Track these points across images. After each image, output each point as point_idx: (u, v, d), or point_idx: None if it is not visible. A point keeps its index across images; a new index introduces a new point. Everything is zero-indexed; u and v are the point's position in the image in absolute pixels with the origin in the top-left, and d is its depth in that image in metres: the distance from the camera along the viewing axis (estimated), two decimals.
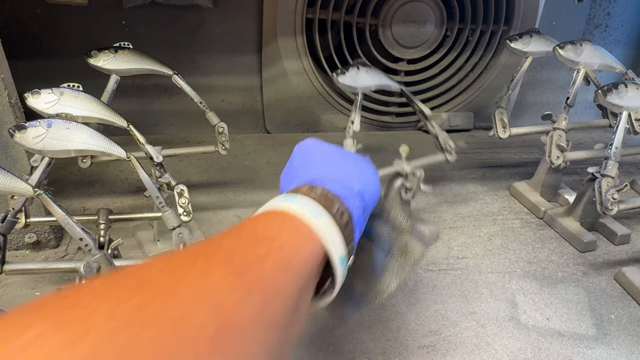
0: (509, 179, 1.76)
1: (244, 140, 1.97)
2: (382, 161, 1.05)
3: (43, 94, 1.06)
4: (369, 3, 1.95)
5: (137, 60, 1.28)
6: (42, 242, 1.28)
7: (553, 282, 1.29)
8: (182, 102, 1.75)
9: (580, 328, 1.14)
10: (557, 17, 2.23)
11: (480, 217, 1.55)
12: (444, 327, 1.13)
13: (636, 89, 1.29)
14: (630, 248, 1.44)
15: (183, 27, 1.86)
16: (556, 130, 1.45)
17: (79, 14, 1.73)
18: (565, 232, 1.45)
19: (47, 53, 1.77)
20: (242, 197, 1.57)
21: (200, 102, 1.34)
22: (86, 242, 0.90)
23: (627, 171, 1.88)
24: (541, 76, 2.37)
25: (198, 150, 1.43)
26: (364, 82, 1.32)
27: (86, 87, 1.12)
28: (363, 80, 1.32)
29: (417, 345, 1.08)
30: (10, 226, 0.98)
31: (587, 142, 2.01)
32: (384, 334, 1.10)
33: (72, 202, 1.49)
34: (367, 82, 1.31)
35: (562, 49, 1.43)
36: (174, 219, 1.04)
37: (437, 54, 2.16)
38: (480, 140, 2.10)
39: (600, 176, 1.22)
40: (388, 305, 1.18)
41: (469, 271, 1.31)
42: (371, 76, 1.33)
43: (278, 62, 1.96)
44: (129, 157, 1.04)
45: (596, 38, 2.36)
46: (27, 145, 0.95)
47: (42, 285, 1.18)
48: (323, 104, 2.09)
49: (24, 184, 0.88)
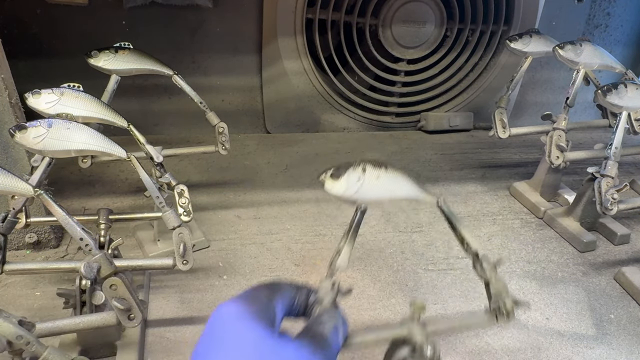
0: (508, 179, 1.76)
1: (244, 140, 1.98)
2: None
3: (43, 94, 1.06)
4: (369, 3, 1.96)
5: (138, 60, 1.28)
6: (42, 242, 1.28)
7: (553, 282, 1.29)
8: (182, 102, 1.75)
9: (580, 328, 1.14)
10: (557, 17, 2.23)
11: (480, 217, 1.55)
12: None
13: (636, 89, 1.29)
14: (630, 248, 1.44)
15: (183, 27, 1.86)
16: (556, 130, 1.45)
17: (79, 14, 1.73)
18: (565, 232, 1.46)
19: (47, 53, 1.78)
20: (242, 197, 1.58)
21: (200, 102, 1.35)
22: (86, 242, 0.90)
23: (627, 171, 1.88)
24: (541, 76, 2.37)
25: (198, 150, 1.43)
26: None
27: (86, 87, 1.12)
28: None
29: None
30: (11, 226, 0.98)
31: (587, 142, 2.01)
32: None
33: (73, 202, 1.50)
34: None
35: (562, 49, 1.43)
36: (174, 219, 1.04)
37: (437, 54, 2.16)
38: (480, 140, 2.10)
39: (600, 176, 1.22)
40: (388, 305, 1.18)
41: (469, 271, 1.31)
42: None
43: (278, 62, 1.96)
44: (129, 157, 1.04)
45: (596, 38, 2.36)
46: (27, 145, 0.95)
47: (42, 285, 1.18)
48: (323, 104, 2.09)
49: (25, 184, 0.89)
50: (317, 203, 1.57)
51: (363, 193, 0.78)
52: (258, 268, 1.28)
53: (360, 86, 2.10)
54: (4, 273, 0.96)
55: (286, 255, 1.33)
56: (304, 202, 1.56)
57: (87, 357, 0.81)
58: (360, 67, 2.06)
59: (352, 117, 2.15)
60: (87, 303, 0.91)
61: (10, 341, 0.72)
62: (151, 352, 1.03)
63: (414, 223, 1.49)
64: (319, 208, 1.54)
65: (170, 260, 1.00)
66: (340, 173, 0.78)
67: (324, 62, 2.00)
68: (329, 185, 0.78)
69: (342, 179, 0.78)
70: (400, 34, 2.03)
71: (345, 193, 0.77)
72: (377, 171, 0.81)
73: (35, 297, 1.15)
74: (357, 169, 0.79)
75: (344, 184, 0.77)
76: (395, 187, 0.83)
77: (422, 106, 2.21)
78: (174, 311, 1.13)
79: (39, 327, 0.83)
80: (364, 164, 0.80)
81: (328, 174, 0.78)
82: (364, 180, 0.79)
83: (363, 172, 0.79)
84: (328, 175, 0.79)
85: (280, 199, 1.57)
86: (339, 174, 0.78)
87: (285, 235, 1.40)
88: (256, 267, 1.28)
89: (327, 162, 1.83)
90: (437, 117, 2.15)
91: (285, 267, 1.28)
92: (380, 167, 0.82)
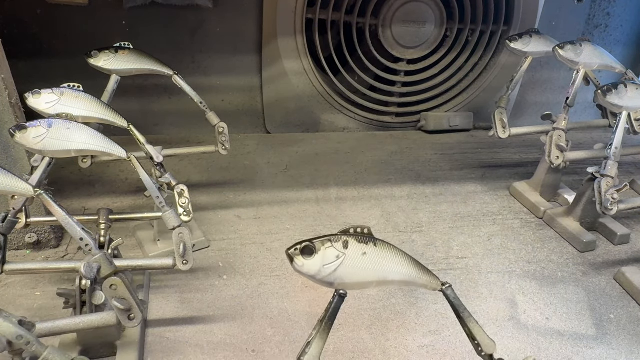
0: (509, 179, 1.76)
1: (244, 140, 1.98)
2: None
3: (43, 94, 1.06)
4: (369, 3, 1.96)
5: (138, 60, 1.29)
6: (42, 242, 1.28)
7: (553, 282, 1.29)
8: (182, 102, 1.76)
9: (580, 328, 1.15)
10: (557, 17, 2.23)
11: (480, 217, 1.55)
12: (444, 327, 1.13)
13: (636, 89, 1.29)
14: (630, 248, 1.44)
15: (183, 27, 1.86)
16: (556, 130, 1.45)
17: (79, 14, 1.73)
18: (565, 232, 1.46)
19: (47, 53, 1.78)
20: (242, 197, 1.58)
21: (200, 102, 1.35)
22: (86, 242, 0.90)
23: (627, 171, 1.88)
24: (541, 76, 2.37)
25: (198, 150, 1.43)
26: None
27: (86, 87, 1.12)
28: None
29: (417, 345, 1.08)
30: (11, 226, 0.98)
31: (587, 142, 2.02)
32: (384, 333, 1.10)
33: (73, 202, 1.50)
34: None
35: (562, 49, 1.43)
36: (174, 219, 1.04)
37: (437, 54, 2.16)
38: (480, 140, 2.10)
39: (600, 176, 1.22)
40: (388, 305, 1.18)
41: (469, 271, 1.31)
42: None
43: (278, 62, 1.96)
44: (129, 157, 1.05)
45: (596, 38, 2.36)
46: (27, 145, 0.96)
47: (42, 285, 1.18)
48: (323, 104, 2.09)
49: (25, 184, 0.89)
50: (317, 203, 1.57)
51: (343, 275, 0.63)
52: (258, 268, 1.28)
53: (360, 86, 2.10)
54: (4, 273, 0.96)
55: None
56: (304, 202, 1.56)
57: (87, 357, 0.81)
58: (360, 67, 2.06)
59: (352, 117, 2.15)
60: (87, 303, 0.91)
61: (10, 341, 0.72)
62: (151, 352, 1.03)
63: (414, 223, 1.50)
64: (319, 208, 1.54)
65: (170, 260, 1.00)
66: (314, 248, 0.63)
67: (324, 62, 2.00)
68: (299, 264, 0.62)
69: (317, 256, 0.63)
70: (400, 34, 2.03)
71: (319, 275, 0.63)
72: (363, 247, 0.64)
73: (35, 297, 1.15)
74: (336, 244, 0.63)
75: (319, 263, 0.63)
76: (387, 267, 0.66)
77: (422, 106, 2.21)
78: (174, 311, 1.13)
79: (39, 327, 0.83)
80: (347, 237, 0.64)
81: (299, 248, 0.63)
82: (345, 259, 0.63)
83: (344, 248, 0.63)
84: (299, 250, 0.63)
85: (280, 199, 1.57)
86: (313, 249, 0.63)
87: (285, 235, 1.40)
88: (256, 267, 1.28)
89: (327, 162, 1.83)
90: (437, 117, 2.15)
91: (285, 267, 1.28)
92: (368, 242, 0.65)
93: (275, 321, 1.12)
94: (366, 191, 1.64)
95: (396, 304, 1.18)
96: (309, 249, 0.63)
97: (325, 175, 1.73)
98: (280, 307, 1.15)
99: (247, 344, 1.06)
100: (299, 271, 0.63)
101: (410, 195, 1.64)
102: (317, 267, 0.63)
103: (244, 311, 1.14)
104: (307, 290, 1.20)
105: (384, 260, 0.66)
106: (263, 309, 1.15)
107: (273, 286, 1.22)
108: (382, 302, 1.19)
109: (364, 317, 1.14)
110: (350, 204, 1.57)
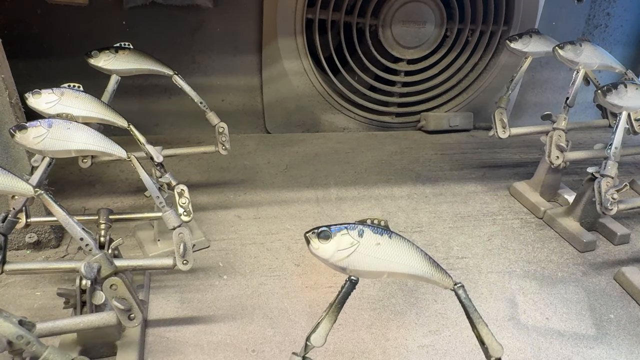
0: (508, 179, 1.76)
1: (244, 140, 1.98)
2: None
3: (44, 94, 1.06)
4: (369, 3, 1.96)
5: (138, 60, 1.29)
6: (42, 242, 1.28)
7: (553, 282, 1.29)
8: (182, 102, 1.76)
9: (580, 328, 1.15)
10: (557, 17, 2.23)
11: (480, 217, 1.55)
12: (444, 327, 1.13)
13: (636, 89, 1.29)
14: (630, 248, 1.44)
15: (183, 27, 1.86)
16: (556, 131, 1.46)
17: (79, 14, 1.73)
18: (565, 232, 1.46)
19: (47, 53, 1.78)
20: (242, 197, 1.58)
21: (200, 102, 1.35)
22: (87, 242, 0.90)
23: (627, 171, 1.88)
24: (541, 76, 2.37)
25: (198, 151, 1.43)
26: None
27: (86, 87, 1.12)
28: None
29: (417, 345, 1.08)
30: (11, 226, 0.98)
31: (587, 142, 2.02)
32: (384, 333, 1.10)
33: (73, 202, 1.50)
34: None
35: (562, 49, 1.43)
36: (174, 219, 1.04)
37: (437, 54, 2.16)
38: (480, 140, 2.10)
39: (599, 176, 1.22)
40: (388, 305, 1.18)
41: (469, 271, 1.31)
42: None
43: (278, 62, 1.96)
44: (129, 157, 1.05)
45: (596, 38, 2.36)
46: (27, 145, 0.96)
47: (42, 285, 1.18)
48: (323, 104, 2.09)
49: (25, 184, 0.89)
50: (317, 203, 1.57)
51: (355, 261, 0.67)
52: (258, 268, 1.28)
53: (360, 86, 2.10)
54: (5, 273, 0.96)
55: (286, 255, 1.33)
56: (304, 202, 1.57)
57: (87, 357, 0.81)
58: (360, 67, 2.06)
59: (352, 117, 2.15)
60: (87, 303, 0.91)
61: (10, 341, 0.72)
62: (151, 352, 1.03)
63: (414, 223, 1.50)
64: (319, 208, 1.54)
65: (170, 260, 1.00)
66: (331, 233, 0.68)
67: (324, 62, 2.00)
68: (314, 246, 0.67)
69: (332, 240, 0.68)
70: (400, 34, 2.03)
71: (333, 258, 0.67)
72: (377, 237, 0.68)
73: (35, 297, 1.15)
74: (352, 232, 0.68)
75: (333, 247, 0.67)
76: (400, 260, 0.69)
77: (422, 106, 2.21)
78: (174, 311, 1.13)
79: (39, 327, 0.83)
80: (363, 226, 0.68)
81: (316, 232, 0.68)
82: (359, 246, 0.67)
83: (359, 236, 0.67)
84: (316, 234, 0.68)
85: (280, 199, 1.57)
86: (329, 233, 0.68)
87: (285, 235, 1.41)
88: (256, 267, 1.28)
89: (327, 162, 1.83)
90: (437, 117, 2.15)
91: (285, 267, 1.28)
92: (383, 234, 0.68)
93: (275, 321, 1.12)
94: (366, 191, 1.64)
95: (396, 304, 1.18)
96: (326, 233, 0.68)
97: (325, 175, 1.73)
98: (280, 307, 1.15)
99: (247, 344, 1.06)
100: (314, 253, 0.68)
101: (410, 195, 1.64)
102: (331, 252, 0.68)
103: (244, 311, 1.14)
104: (307, 290, 1.20)
105: (398, 253, 0.69)
106: (263, 309, 1.15)
107: (273, 286, 1.22)
108: (382, 302, 1.19)
109: (364, 317, 1.14)
110: (350, 204, 1.57)
